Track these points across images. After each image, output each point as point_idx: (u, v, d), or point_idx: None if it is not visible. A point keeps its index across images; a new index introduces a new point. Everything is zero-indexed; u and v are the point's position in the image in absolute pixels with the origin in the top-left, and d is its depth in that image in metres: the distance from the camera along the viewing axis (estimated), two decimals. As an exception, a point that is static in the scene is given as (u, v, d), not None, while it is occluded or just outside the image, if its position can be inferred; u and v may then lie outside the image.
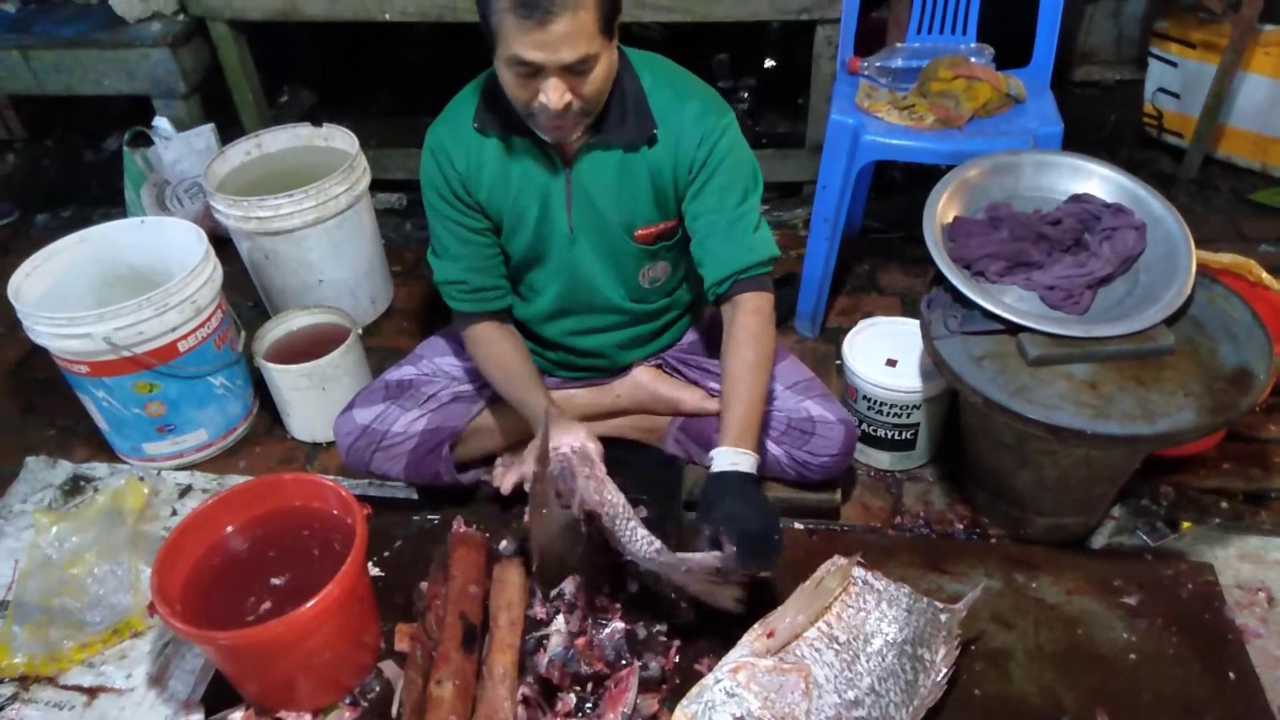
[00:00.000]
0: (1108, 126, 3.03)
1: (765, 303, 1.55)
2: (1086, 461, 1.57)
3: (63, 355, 1.85)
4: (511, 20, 1.26)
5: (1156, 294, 1.57)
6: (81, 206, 3.02)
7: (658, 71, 1.53)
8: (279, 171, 2.36)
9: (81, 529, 1.76)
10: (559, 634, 1.48)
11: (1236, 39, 2.49)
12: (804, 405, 1.68)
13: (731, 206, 1.52)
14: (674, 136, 1.50)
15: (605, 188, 1.54)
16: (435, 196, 1.59)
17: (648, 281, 1.68)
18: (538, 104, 1.35)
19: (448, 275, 1.63)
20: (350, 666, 1.54)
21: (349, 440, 1.73)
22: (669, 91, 1.51)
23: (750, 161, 1.56)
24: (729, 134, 1.52)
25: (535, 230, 1.59)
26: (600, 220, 1.58)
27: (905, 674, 1.40)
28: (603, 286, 1.66)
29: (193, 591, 1.48)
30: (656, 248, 1.63)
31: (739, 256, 1.52)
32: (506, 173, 1.54)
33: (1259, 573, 1.65)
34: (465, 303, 1.64)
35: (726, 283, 1.53)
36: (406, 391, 1.76)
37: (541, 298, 1.69)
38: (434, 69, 3.46)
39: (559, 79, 1.32)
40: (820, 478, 1.71)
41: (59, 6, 2.81)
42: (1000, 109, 2.03)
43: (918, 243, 1.66)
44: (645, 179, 1.54)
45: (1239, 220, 2.58)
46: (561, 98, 1.33)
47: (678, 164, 1.52)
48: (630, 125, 1.49)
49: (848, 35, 2.20)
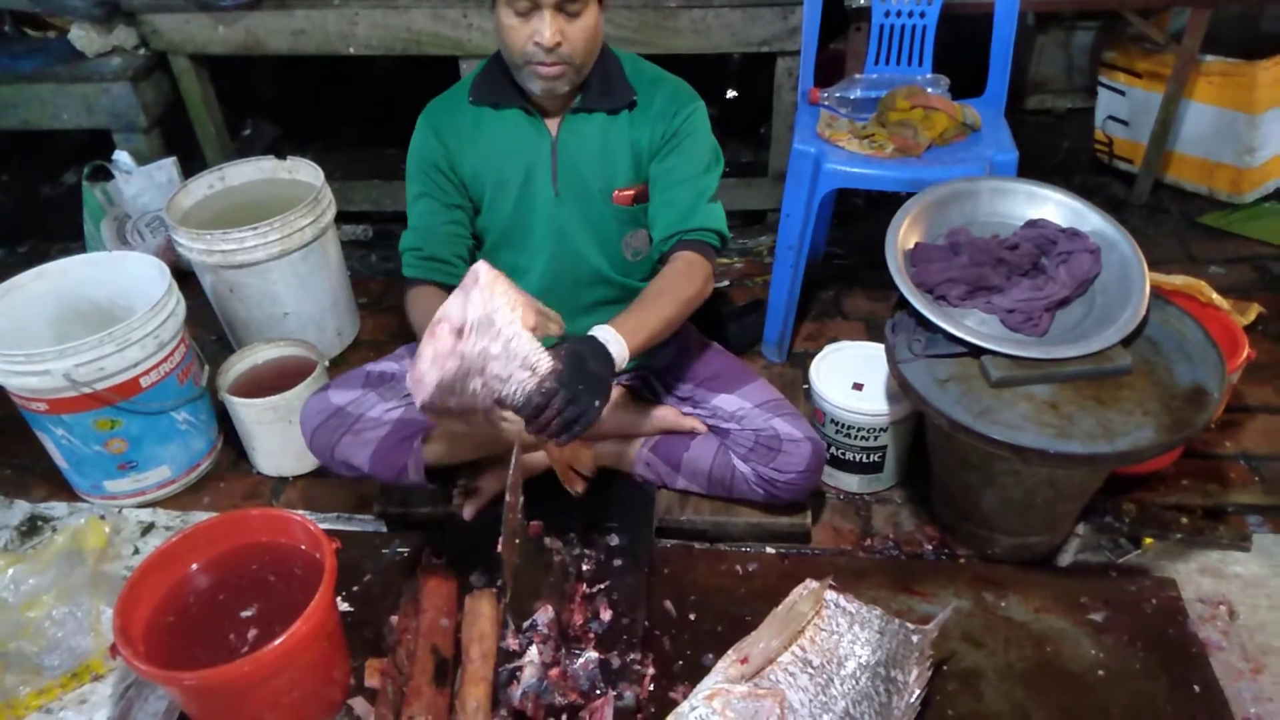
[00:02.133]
0: (1061, 153, 3.12)
1: (701, 263, 1.62)
2: (1050, 481, 1.60)
3: (20, 393, 1.82)
4: None
5: (1113, 315, 1.61)
6: (39, 242, 2.98)
7: (638, 62, 1.70)
8: (243, 204, 2.35)
9: (39, 570, 1.72)
10: (532, 665, 1.47)
11: (1179, 69, 2.58)
12: (771, 423, 1.70)
13: (692, 175, 1.64)
14: (651, 105, 1.65)
15: (588, 151, 1.65)
16: (417, 168, 1.67)
17: (630, 253, 1.74)
18: (532, 45, 1.48)
19: (408, 242, 1.67)
20: (320, 704, 1.51)
21: (319, 419, 1.70)
22: (648, 75, 1.68)
23: (714, 146, 1.69)
24: (699, 114, 1.67)
25: (519, 196, 1.66)
26: (583, 184, 1.66)
27: (879, 696, 1.40)
28: (588, 254, 1.71)
29: (156, 632, 1.45)
30: (635, 209, 1.70)
31: (688, 217, 1.62)
32: (493, 140, 1.65)
33: (1219, 586, 1.69)
34: (416, 268, 1.65)
35: (673, 239, 1.63)
36: (387, 383, 1.77)
37: (527, 278, 1.71)
38: (398, 102, 3.49)
39: (553, 15, 1.46)
40: (788, 497, 1.73)
41: (16, 41, 2.78)
42: (957, 137, 2.08)
43: (880, 268, 1.69)
44: (625, 142, 1.65)
45: (1189, 243, 2.66)
46: (554, 35, 1.47)
47: (653, 129, 1.64)
48: (612, 92, 1.63)
49: (808, 67, 2.25)
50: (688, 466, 1.79)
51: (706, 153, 1.67)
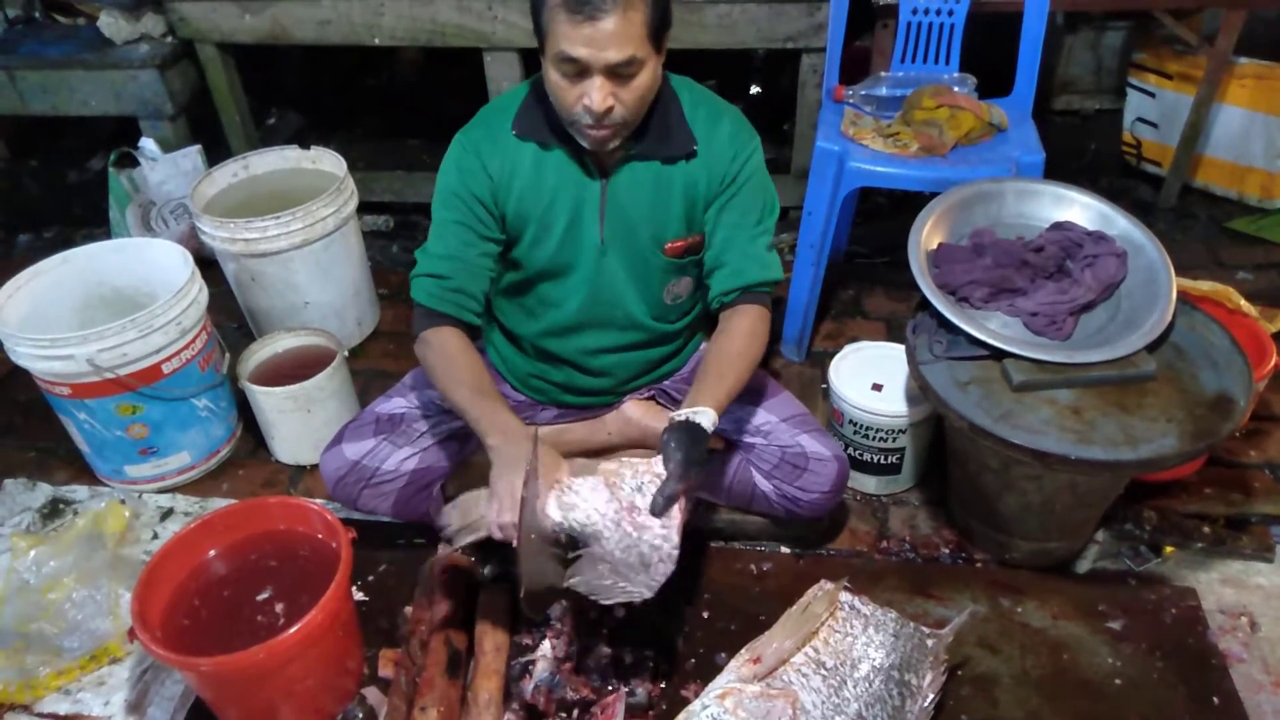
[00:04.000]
0: (1088, 155, 3.08)
1: (764, 314, 1.57)
2: (1070, 486, 1.58)
3: (44, 377, 1.84)
4: (562, 16, 1.29)
5: (1138, 321, 1.59)
6: (65, 227, 3.01)
7: (695, 92, 1.58)
8: (266, 193, 2.36)
9: (60, 553, 1.74)
10: (545, 659, 1.47)
11: (1212, 71, 2.54)
12: (799, 439, 1.65)
13: (752, 223, 1.57)
14: (709, 151, 1.54)
15: (640, 200, 1.55)
16: (453, 194, 1.54)
17: (670, 298, 1.67)
18: (581, 107, 1.37)
19: (433, 268, 1.54)
20: (333, 693, 1.52)
21: (337, 475, 1.68)
22: (705, 110, 1.56)
23: (770, 188, 1.61)
24: (757, 155, 1.58)
25: (562, 240, 1.56)
26: (632, 233, 1.57)
27: (892, 699, 1.39)
28: (627, 301, 1.64)
29: (174, 617, 1.46)
30: (684, 262, 1.62)
31: (751, 271, 1.55)
32: (540, 180, 1.53)
33: (1241, 597, 1.66)
34: (440, 301, 1.53)
35: (734, 293, 1.56)
36: (398, 427, 1.70)
37: (560, 311, 1.65)
38: (421, 92, 3.50)
39: (604, 80, 1.34)
40: (809, 515, 1.69)
41: (46, 28, 2.81)
42: (983, 137, 2.06)
43: (903, 268, 1.67)
44: (679, 192, 1.56)
45: (1217, 248, 2.62)
46: (605, 99, 1.35)
47: (710, 177, 1.55)
48: (671, 139, 1.52)
49: (833, 64, 2.23)
50: (707, 481, 1.73)
51: (765, 199, 1.59)
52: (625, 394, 1.78)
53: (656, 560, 1.33)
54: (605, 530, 1.34)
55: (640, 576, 1.34)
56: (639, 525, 1.33)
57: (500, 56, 2.56)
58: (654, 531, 1.33)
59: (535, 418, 1.77)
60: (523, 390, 1.78)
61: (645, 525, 1.33)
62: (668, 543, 1.33)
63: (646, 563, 1.34)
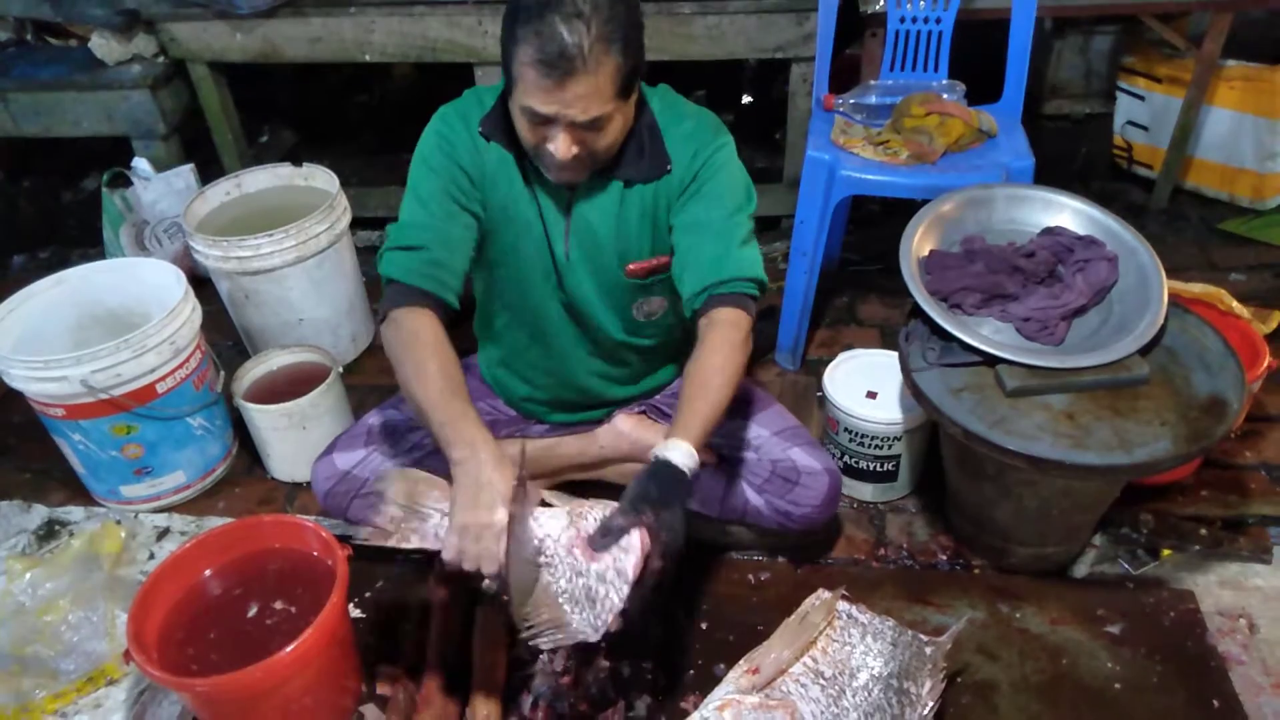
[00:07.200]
0: (1078, 159, 3.09)
1: (744, 321, 1.41)
2: (1066, 491, 1.58)
3: (38, 398, 1.84)
4: (531, 74, 1.25)
5: (1130, 324, 1.59)
6: (59, 248, 3.01)
7: (665, 98, 1.50)
8: (259, 211, 2.37)
9: (56, 575, 1.73)
10: (543, 674, 1.46)
11: (1200, 74, 2.56)
12: (790, 453, 1.63)
13: (719, 217, 1.43)
14: (678, 163, 1.45)
15: (605, 218, 1.49)
16: (439, 158, 1.44)
17: (642, 315, 1.61)
18: (545, 150, 1.34)
19: (407, 239, 1.41)
20: (331, 711, 1.52)
21: (328, 485, 1.68)
22: (669, 114, 1.47)
23: (744, 180, 1.49)
24: (723, 151, 1.46)
25: (530, 241, 1.50)
26: (597, 249, 1.51)
27: (891, 708, 1.39)
28: (596, 314, 1.58)
29: (170, 637, 1.46)
30: (649, 282, 1.56)
31: (720, 268, 1.41)
32: (505, 182, 1.47)
33: (1239, 599, 1.66)
34: (415, 275, 1.39)
35: (704, 294, 1.41)
36: (390, 438, 1.70)
37: (535, 316, 1.61)
38: (413, 108, 3.51)
39: (568, 133, 1.31)
40: (801, 529, 1.67)
41: (38, 50, 2.81)
42: (973, 144, 2.07)
43: (896, 275, 1.68)
44: (646, 211, 1.49)
45: (1209, 250, 2.63)
46: (569, 150, 1.32)
47: (671, 189, 1.47)
48: (645, 161, 1.45)
49: (822, 73, 2.24)
50: (699, 494, 1.70)
51: (735, 192, 1.46)
52: (616, 407, 1.78)
53: (604, 597, 1.25)
54: (556, 557, 1.29)
55: (585, 613, 1.26)
56: (592, 556, 1.27)
57: (491, 71, 2.56)
58: (608, 566, 1.25)
59: (527, 432, 1.77)
60: (516, 408, 1.78)
61: (597, 558, 1.26)
62: (617, 594, 1.24)
63: (593, 598, 1.26)
